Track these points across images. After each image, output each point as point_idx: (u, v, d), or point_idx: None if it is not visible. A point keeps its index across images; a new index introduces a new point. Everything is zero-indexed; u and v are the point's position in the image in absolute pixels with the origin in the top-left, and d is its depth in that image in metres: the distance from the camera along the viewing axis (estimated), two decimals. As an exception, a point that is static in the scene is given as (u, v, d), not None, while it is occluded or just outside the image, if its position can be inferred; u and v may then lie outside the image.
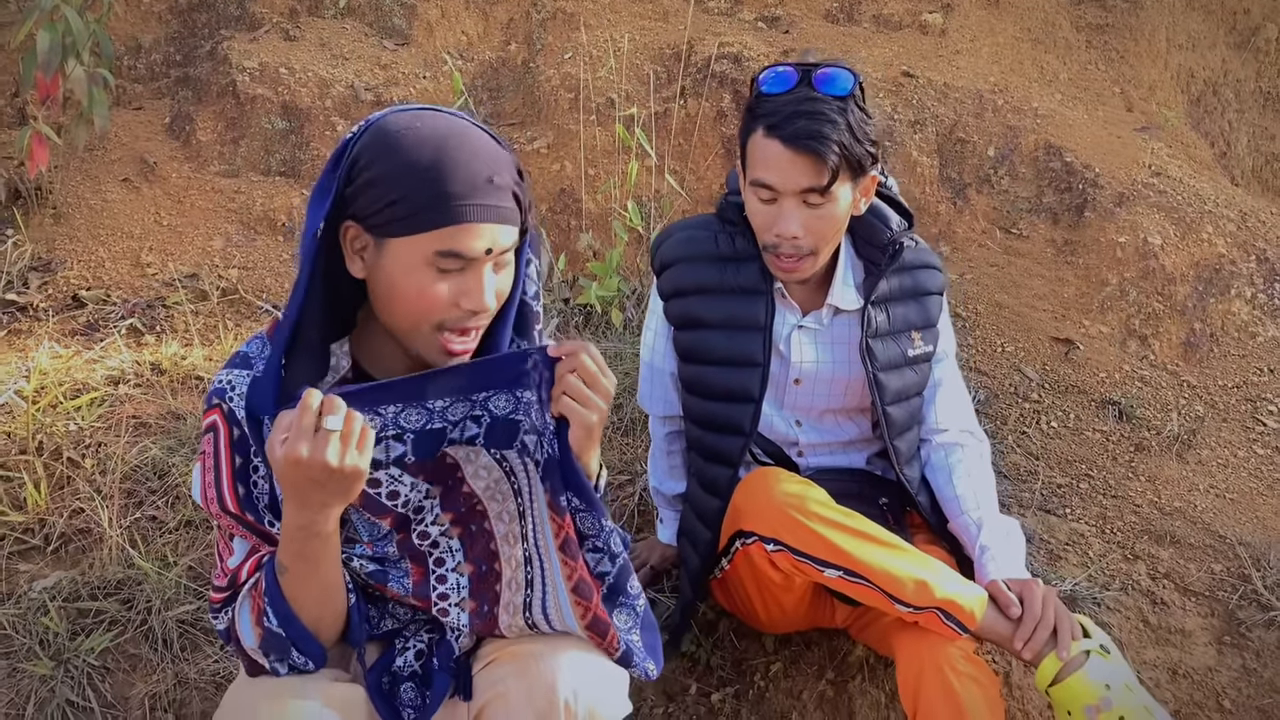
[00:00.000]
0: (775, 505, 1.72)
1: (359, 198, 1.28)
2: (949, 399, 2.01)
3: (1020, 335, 3.27)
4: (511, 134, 3.89)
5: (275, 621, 1.34)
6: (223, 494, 1.37)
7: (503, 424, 1.40)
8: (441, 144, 1.27)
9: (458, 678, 1.47)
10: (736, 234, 1.90)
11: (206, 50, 4.09)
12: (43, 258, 3.37)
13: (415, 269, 1.28)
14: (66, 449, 2.40)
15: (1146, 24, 4.41)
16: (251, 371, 1.37)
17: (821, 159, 1.68)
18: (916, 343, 1.94)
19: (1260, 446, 2.93)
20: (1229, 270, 3.41)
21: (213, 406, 1.37)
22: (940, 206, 3.68)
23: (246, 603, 1.38)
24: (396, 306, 1.31)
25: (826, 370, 1.95)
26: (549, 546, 1.44)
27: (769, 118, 1.72)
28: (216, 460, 1.37)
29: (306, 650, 1.37)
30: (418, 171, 1.25)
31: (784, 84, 1.73)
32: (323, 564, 1.33)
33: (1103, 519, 2.60)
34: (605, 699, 1.41)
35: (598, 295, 3.12)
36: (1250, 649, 2.29)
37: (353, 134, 1.31)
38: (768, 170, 1.73)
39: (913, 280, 1.94)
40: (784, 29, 4.19)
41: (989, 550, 1.83)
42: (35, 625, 2.05)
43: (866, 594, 1.71)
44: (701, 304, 1.91)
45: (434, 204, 1.25)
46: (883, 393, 1.90)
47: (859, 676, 2.14)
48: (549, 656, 1.41)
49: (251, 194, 3.68)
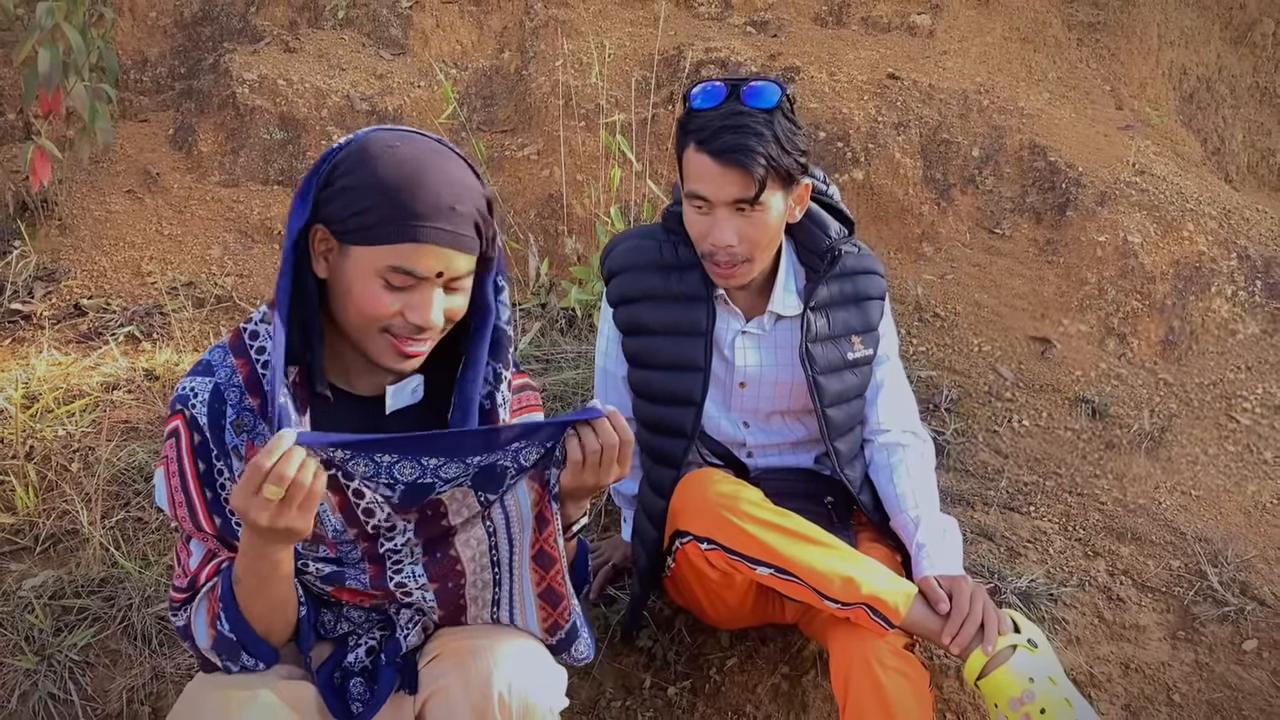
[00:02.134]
0: (709, 505, 1.79)
1: (331, 203, 1.37)
2: (891, 400, 2.07)
3: (998, 334, 3.31)
4: (503, 141, 3.98)
5: (227, 626, 1.42)
6: (192, 504, 1.44)
7: (494, 472, 1.45)
8: (416, 167, 1.36)
9: (404, 673, 1.55)
10: (680, 243, 1.97)
11: (209, 63, 4.20)
12: (47, 268, 3.49)
13: (370, 277, 1.36)
14: (56, 454, 2.51)
15: (1139, 21, 4.42)
16: (213, 379, 1.44)
17: (748, 171, 1.75)
18: (857, 346, 2.00)
19: (1231, 444, 2.96)
20: (1209, 268, 3.43)
21: (176, 412, 1.44)
22: (924, 207, 3.72)
23: (203, 605, 1.46)
24: (350, 307, 1.39)
25: (770, 373, 2.01)
26: (523, 559, 1.52)
27: (699, 133, 1.79)
28: (181, 467, 1.44)
29: (256, 653, 1.45)
30: (387, 188, 1.34)
31: (713, 99, 1.80)
32: (272, 582, 1.40)
33: (1066, 516, 2.64)
34: (540, 691, 1.48)
35: (578, 299, 3.19)
36: (1203, 644, 2.33)
37: (339, 145, 1.41)
38: (700, 183, 1.80)
39: (853, 286, 2.00)
40: (772, 33, 4.25)
41: (924, 548, 1.89)
42: (21, 622, 2.15)
43: (797, 590, 1.77)
44: (646, 311, 1.98)
45: (395, 220, 1.34)
46: (822, 395, 1.96)
47: (813, 670, 2.20)
48: (487, 651, 1.48)
49: (249, 203, 3.79)
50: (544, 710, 1.48)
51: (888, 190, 3.72)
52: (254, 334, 1.47)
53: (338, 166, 1.37)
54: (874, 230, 3.70)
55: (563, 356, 3.08)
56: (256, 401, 1.44)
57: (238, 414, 1.44)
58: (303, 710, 1.47)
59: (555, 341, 3.19)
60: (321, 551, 1.51)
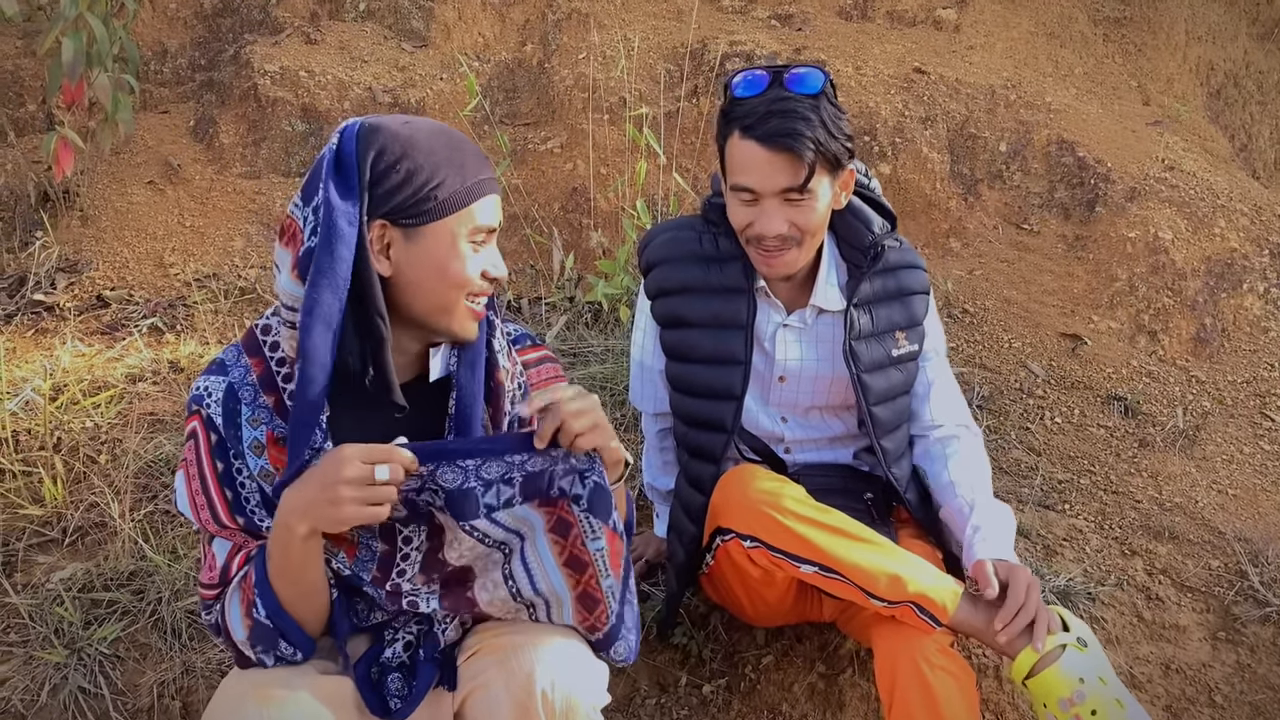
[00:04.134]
0: (750, 503, 1.76)
1: (393, 197, 1.35)
2: (942, 396, 2.03)
3: (1028, 331, 3.28)
4: (526, 134, 3.95)
5: (264, 612, 1.40)
6: (214, 505, 1.43)
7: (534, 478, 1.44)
8: (444, 132, 1.41)
9: (443, 669, 1.53)
10: (720, 234, 1.94)
11: (230, 54, 4.18)
12: (70, 259, 3.47)
13: (456, 246, 1.39)
14: (83, 445, 2.49)
15: (1165, 16, 4.38)
16: (227, 378, 1.43)
17: (798, 155, 1.72)
18: (901, 343, 1.97)
19: (1267, 443, 2.92)
20: (1241, 265, 3.39)
21: (192, 413, 1.43)
22: (951, 202, 3.68)
23: (236, 595, 1.44)
24: (436, 285, 1.39)
25: (811, 368, 1.98)
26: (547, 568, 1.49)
27: (744, 120, 1.76)
28: (200, 470, 1.43)
29: (294, 640, 1.42)
30: (442, 159, 1.37)
31: (756, 87, 1.77)
32: (305, 568, 1.39)
33: (1102, 514, 2.61)
34: (583, 689, 1.46)
35: (605, 293, 3.16)
36: (1245, 645, 2.30)
37: (338, 145, 1.36)
38: (746, 173, 1.77)
39: (896, 281, 1.97)
40: (797, 26, 4.21)
41: (980, 530, 1.83)
42: (50, 615, 2.13)
43: (842, 589, 1.74)
44: (685, 303, 1.94)
45: (463, 183, 1.38)
46: (867, 394, 1.92)
47: (849, 669, 2.17)
48: (529, 648, 1.46)
49: (271, 195, 3.77)
50: (587, 708, 1.46)
51: (915, 185, 3.69)
52: (266, 328, 1.44)
53: (378, 161, 1.35)
54: (901, 225, 3.66)
55: (589, 351, 3.06)
56: (271, 399, 1.42)
57: (253, 411, 1.42)
58: (341, 706, 1.45)
59: (581, 336, 3.16)
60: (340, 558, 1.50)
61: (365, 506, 1.29)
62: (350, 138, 1.36)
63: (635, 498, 2.52)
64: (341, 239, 1.32)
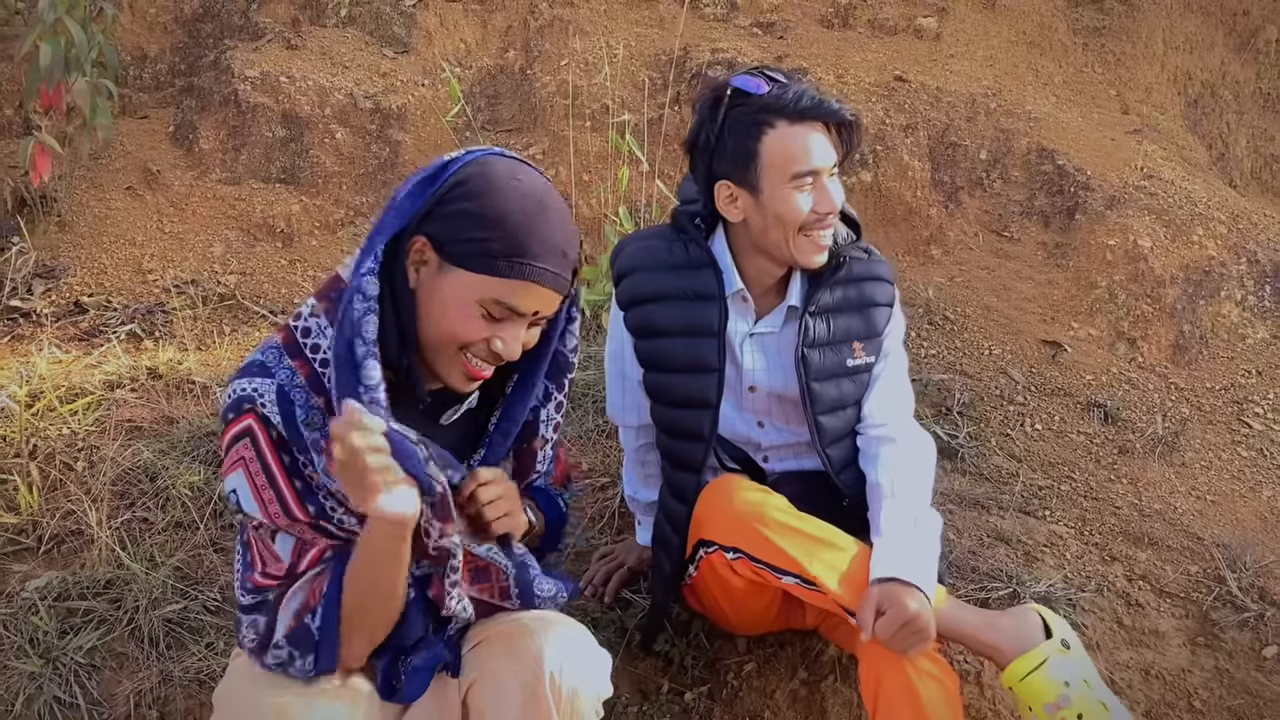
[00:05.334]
0: (733, 514, 1.76)
1: (446, 220, 1.36)
2: (886, 395, 1.99)
3: (1008, 338, 3.29)
4: (507, 140, 3.94)
5: (318, 622, 1.40)
6: (283, 497, 1.40)
7: None
8: (539, 206, 1.38)
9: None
10: (690, 242, 1.94)
11: (210, 60, 4.15)
12: (47, 265, 3.44)
13: (469, 303, 1.37)
14: (60, 452, 2.46)
15: (1144, 26, 4.41)
16: (274, 380, 1.40)
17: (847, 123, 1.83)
18: (858, 354, 1.96)
19: (1244, 449, 2.94)
20: (1219, 272, 3.42)
21: (244, 412, 1.39)
22: (932, 210, 3.70)
23: (300, 593, 1.42)
24: (438, 323, 1.39)
25: (779, 377, 1.98)
26: None
27: (785, 107, 1.79)
28: (264, 463, 1.40)
29: (323, 658, 1.41)
30: (510, 223, 1.35)
31: (762, 88, 1.79)
32: (390, 568, 1.40)
33: (1082, 521, 2.62)
34: (588, 677, 1.49)
35: (588, 300, 3.16)
36: (1223, 650, 2.31)
37: (456, 157, 1.39)
38: (808, 157, 1.80)
39: (858, 292, 1.96)
40: (778, 34, 4.23)
41: (884, 538, 1.79)
42: (25, 624, 2.11)
43: (822, 600, 1.74)
44: (659, 311, 1.93)
45: (510, 256, 1.35)
46: (815, 402, 1.91)
47: (831, 676, 2.17)
48: (537, 634, 1.48)
49: (252, 201, 3.75)
50: (591, 697, 1.50)
51: (896, 192, 3.70)
52: (306, 330, 1.43)
53: (460, 186, 1.36)
54: (882, 232, 3.68)
55: (572, 357, 3.05)
56: (322, 400, 1.41)
57: (306, 414, 1.41)
58: (358, 701, 1.45)
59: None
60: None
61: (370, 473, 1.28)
62: (465, 159, 1.39)
63: (617, 505, 2.52)
64: (385, 231, 1.37)
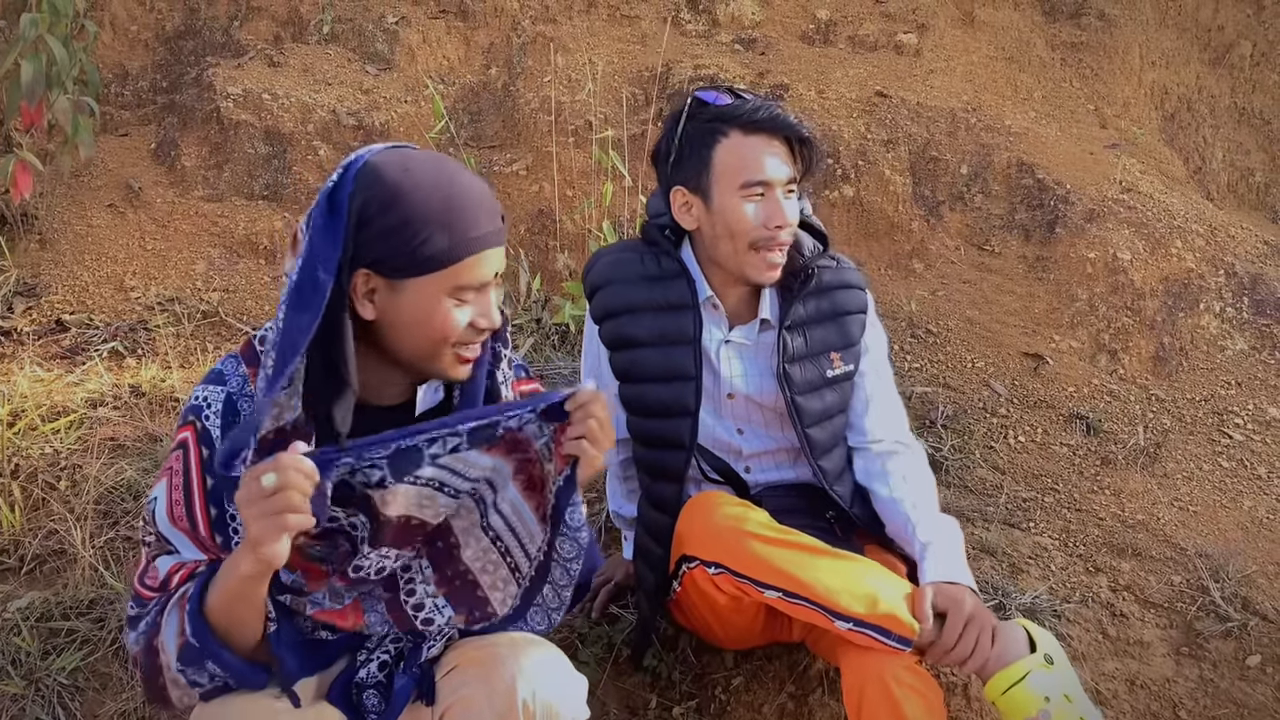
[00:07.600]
0: (715, 528, 1.76)
1: (374, 244, 1.33)
2: (882, 410, 2.02)
3: (990, 351, 3.31)
4: (491, 156, 3.95)
5: (190, 629, 1.35)
6: (194, 515, 1.39)
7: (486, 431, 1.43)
8: (446, 185, 1.36)
9: (420, 683, 1.52)
10: (661, 254, 1.96)
11: (192, 77, 4.15)
12: (28, 283, 3.43)
13: (437, 302, 1.36)
14: (42, 471, 2.45)
15: (1120, 42, 4.46)
16: (225, 388, 1.41)
17: (800, 139, 1.84)
18: (836, 364, 1.97)
19: (1225, 459, 2.97)
20: (1198, 285, 3.45)
21: (187, 423, 1.40)
22: (913, 224, 3.72)
23: (174, 613, 1.38)
24: (417, 335, 1.38)
25: (756, 384, 1.99)
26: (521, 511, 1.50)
27: (740, 117, 1.81)
28: (187, 480, 1.40)
29: (222, 664, 1.36)
30: (433, 217, 1.33)
31: (724, 100, 1.82)
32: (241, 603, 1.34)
33: (1066, 532, 2.63)
34: (563, 700, 1.47)
35: (572, 315, 3.17)
36: (1207, 660, 2.32)
37: (338, 180, 1.34)
38: (759, 168, 1.82)
39: (831, 302, 1.98)
40: (760, 51, 4.25)
41: (929, 547, 1.83)
42: (8, 645, 2.09)
43: (806, 613, 1.74)
44: (633, 322, 1.94)
45: (452, 243, 1.34)
46: (802, 416, 1.93)
47: (819, 689, 2.17)
48: (510, 660, 1.46)
49: (234, 218, 3.74)
50: (567, 719, 1.47)
51: (877, 207, 3.73)
52: (264, 339, 1.43)
53: (365, 209, 1.33)
54: (864, 247, 3.70)
55: (556, 372, 3.05)
56: None
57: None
58: None
59: (549, 357, 3.16)
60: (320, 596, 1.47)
61: (269, 518, 1.22)
62: (349, 178, 1.34)
63: (604, 521, 2.52)
64: (316, 287, 1.31)
